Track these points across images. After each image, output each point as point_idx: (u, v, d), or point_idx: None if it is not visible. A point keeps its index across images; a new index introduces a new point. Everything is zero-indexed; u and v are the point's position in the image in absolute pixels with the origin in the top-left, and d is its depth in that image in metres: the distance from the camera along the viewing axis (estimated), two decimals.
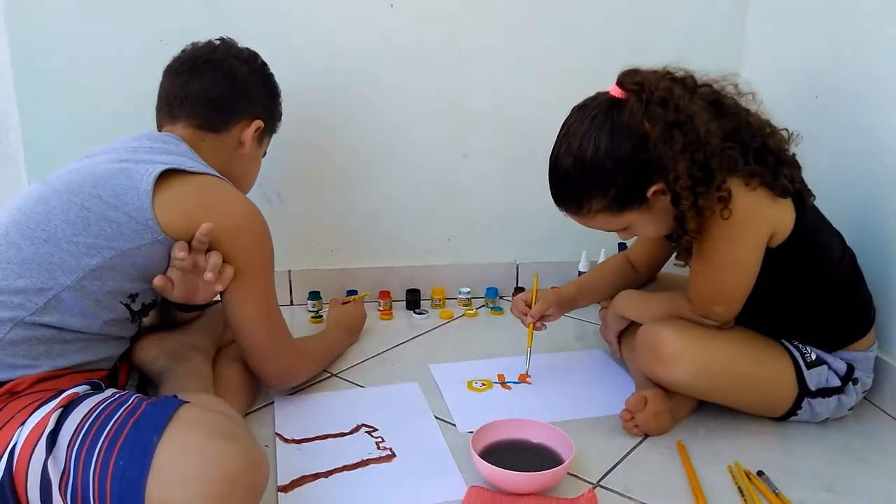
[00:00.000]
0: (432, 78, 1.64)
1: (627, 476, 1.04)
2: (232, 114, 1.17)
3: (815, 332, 1.15)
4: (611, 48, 1.67)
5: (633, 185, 1.07)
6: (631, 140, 1.04)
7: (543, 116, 1.69)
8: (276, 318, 1.12)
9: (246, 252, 1.04)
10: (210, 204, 1.01)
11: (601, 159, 1.05)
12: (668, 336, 1.12)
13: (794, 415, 1.16)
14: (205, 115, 1.14)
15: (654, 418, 1.13)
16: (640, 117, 1.03)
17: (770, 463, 1.06)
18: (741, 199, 1.05)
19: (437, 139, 1.69)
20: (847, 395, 1.16)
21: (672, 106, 1.03)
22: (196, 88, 1.13)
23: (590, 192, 1.08)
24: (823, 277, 1.12)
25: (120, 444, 0.76)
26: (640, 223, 1.13)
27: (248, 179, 1.26)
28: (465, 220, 1.77)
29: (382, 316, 1.67)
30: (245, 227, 1.04)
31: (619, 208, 1.09)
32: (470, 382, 1.32)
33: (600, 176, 1.06)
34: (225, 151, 1.17)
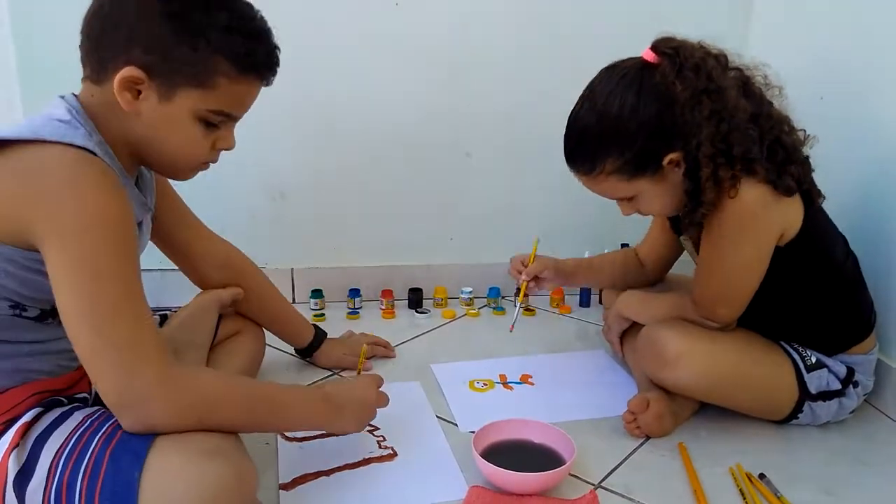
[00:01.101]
0: (436, 76, 1.64)
1: (629, 477, 1.04)
2: (104, 57, 0.82)
3: (816, 334, 1.15)
4: (614, 48, 1.66)
5: (652, 149, 1.05)
6: (658, 102, 1.03)
7: (547, 116, 1.69)
8: (105, 309, 0.75)
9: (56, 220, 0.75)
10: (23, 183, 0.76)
11: (625, 117, 1.04)
12: (672, 338, 1.12)
13: (795, 418, 1.16)
14: (86, 58, 0.84)
15: (656, 420, 1.13)
16: (672, 79, 1.03)
17: (772, 465, 1.06)
18: (752, 191, 1.04)
19: (439, 138, 1.69)
20: (848, 398, 1.16)
21: (704, 74, 1.03)
22: (84, 20, 0.84)
23: (606, 151, 1.07)
24: (826, 279, 1.12)
25: (100, 485, 0.73)
26: (648, 194, 1.11)
27: (164, 147, 0.87)
28: (467, 220, 1.77)
29: (385, 315, 1.67)
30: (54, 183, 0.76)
31: (633, 173, 1.07)
32: (472, 382, 1.32)
33: (620, 135, 1.05)
34: (114, 110, 0.83)
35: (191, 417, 0.78)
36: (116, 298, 0.76)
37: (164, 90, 0.82)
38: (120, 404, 0.76)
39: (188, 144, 0.87)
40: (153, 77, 0.81)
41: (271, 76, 0.90)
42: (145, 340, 0.77)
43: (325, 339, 1.36)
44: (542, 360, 1.43)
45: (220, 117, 0.87)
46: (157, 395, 0.76)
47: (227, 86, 0.84)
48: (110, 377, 0.75)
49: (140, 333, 0.76)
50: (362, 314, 1.67)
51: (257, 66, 0.86)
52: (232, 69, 0.83)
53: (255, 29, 0.86)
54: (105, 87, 0.82)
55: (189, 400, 0.78)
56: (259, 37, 0.86)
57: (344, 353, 1.35)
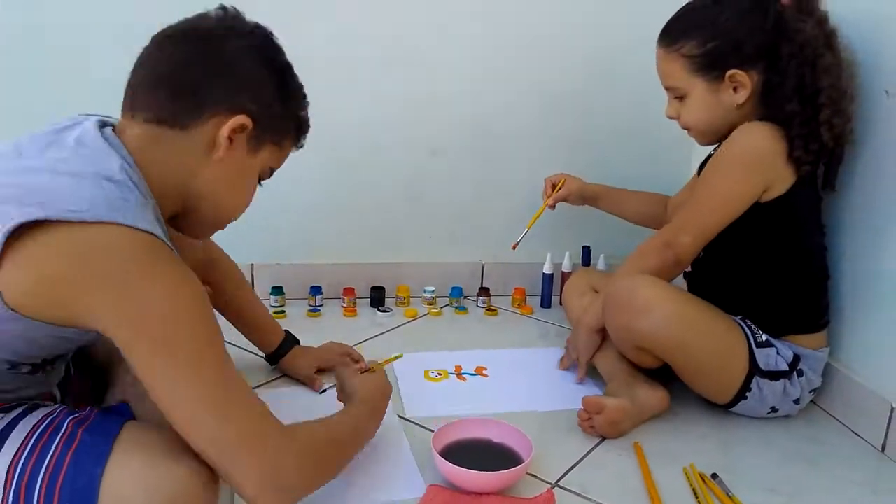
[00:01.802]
0: (402, 74, 1.63)
1: (585, 476, 1.05)
2: (203, 102, 0.82)
3: (769, 312, 1.19)
4: (582, 51, 1.69)
5: (725, 55, 1.14)
6: (764, 20, 1.12)
7: (513, 117, 1.72)
8: (229, 400, 0.75)
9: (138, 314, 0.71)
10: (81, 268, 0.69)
11: (730, 15, 1.13)
12: (640, 285, 1.14)
13: (744, 398, 1.17)
14: (169, 101, 0.81)
15: (609, 426, 1.14)
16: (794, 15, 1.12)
17: (724, 465, 1.08)
18: (766, 133, 1.13)
19: (405, 136, 1.69)
20: (792, 385, 1.19)
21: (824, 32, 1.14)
22: (164, 64, 0.82)
23: (693, 34, 1.15)
24: (792, 262, 1.16)
25: (60, 485, 0.71)
26: (697, 100, 1.18)
27: (223, 200, 0.88)
28: (431, 219, 1.77)
29: (346, 313, 1.65)
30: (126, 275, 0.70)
31: (698, 68, 1.16)
32: (427, 372, 1.33)
33: (713, 26, 1.14)
34: (190, 156, 0.83)
35: (316, 471, 0.83)
36: (224, 385, 0.75)
37: (254, 143, 0.86)
38: (263, 485, 0.74)
39: (245, 199, 0.91)
40: (255, 129, 0.84)
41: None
42: (263, 418, 0.77)
43: (294, 347, 1.32)
44: (499, 353, 1.44)
45: (269, 174, 0.93)
46: (286, 469, 0.76)
47: (287, 148, 0.92)
48: (247, 466, 0.74)
49: (256, 413, 0.76)
50: (323, 312, 1.65)
51: (304, 133, 0.95)
52: (296, 134, 0.92)
53: (306, 102, 0.94)
54: (189, 131, 0.82)
55: (313, 458, 0.81)
56: (308, 108, 0.94)
57: (309, 363, 1.29)
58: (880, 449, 1.17)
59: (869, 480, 1.09)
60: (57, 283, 0.69)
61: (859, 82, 1.18)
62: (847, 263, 1.26)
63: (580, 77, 1.70)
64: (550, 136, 1.74)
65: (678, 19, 1.19)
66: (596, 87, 1.71)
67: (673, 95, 1.22)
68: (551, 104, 1.71)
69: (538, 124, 1.73)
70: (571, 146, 1.75)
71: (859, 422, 1.22)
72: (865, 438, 1.20)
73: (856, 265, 1.25)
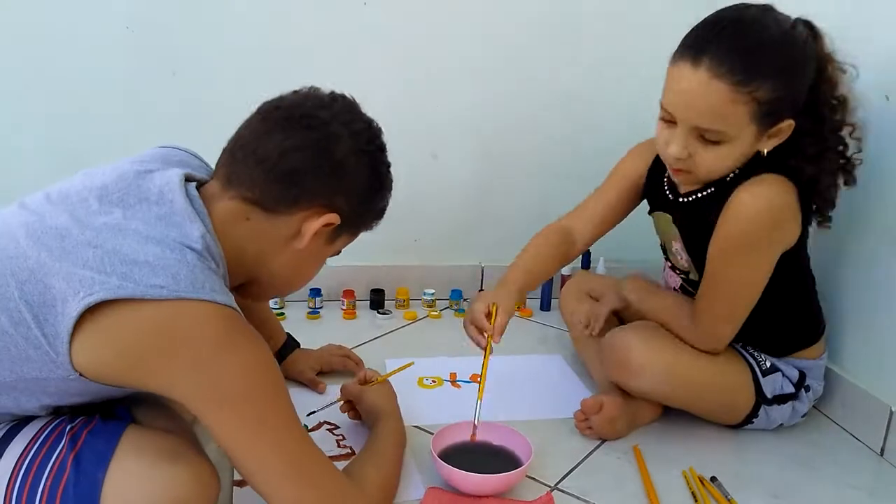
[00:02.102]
0: (403, 76, 1.63)
1: (584, 480, 1.05)
2: (301, 194, 0.82)
3: (770, 336, 1.18)
4: (584, 54, 1.69)
5: (788, 104, 0.99)
6: (813, 67, 1.01)
7: (513, 119, 1.72)
8: (304, 462, 0.78)
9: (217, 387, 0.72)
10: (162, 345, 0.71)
11: (803, 57, 0.99)
12: (636, 346, 1.12)
13: (750, 422, 1.18)
14: (266, 184, 0.81)
15: (608, 423, 1.14)
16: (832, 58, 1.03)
17: (723, 469, 1.08)
18: (784, 195, 1.03)
19: (406, 139, 1.67)
20: (800, 402, 1.19)
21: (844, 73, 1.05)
22: (271, 146, 0.81)
23: (776, 74, 0.96)
24: (788, 284, 1.14)
25: (62, 488, 0.72)
26: (738, 148, 1.01)
27: (291, 281, 0.92)
28: (431, 222, 1.77)
29: (346, 315, 1.66)
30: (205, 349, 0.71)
31: (762, 115, 0.97)
32: (420, 379, 1.33)
33: (795, 69, 0.98)
34: (272, 240, 0.84)
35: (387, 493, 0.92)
36: (301, 452, 0.78)
37: (334, 236, 0.88)
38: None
39: (311, 277, 0.94)
40: (340, 224, 0.85)
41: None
42: (338, 479, 0.82)
43: (296, 349, 1.32)
44: (495, 361, 1.42)
45: (336, 255, 0.95)
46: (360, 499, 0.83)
47: (358, 235, 0.94)
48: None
49: (332, 474, 0.81)
50: (323, 314, 1.65)
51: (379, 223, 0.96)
52: (370, 226, 0.94)
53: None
54: (279, 218, 0.82)
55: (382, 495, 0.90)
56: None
57: (310, 365, 1.30)
58: (879, 453, 1.17)
59: (867, 484, 1.10)
60: (136, 358, 0.70)
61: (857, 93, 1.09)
62: (847, 268, 1.26)
63: (581, 80, 1.70)
64: (550, 139, 1.74)
65: (749, 50, 0.94)
66: (597, 91, 1.71)
67: (697, 134, 1.00)
68: (552, 107, 1.71)
69: (538, 128, 1.73)
70: (572, 149, 1.75)
71: (858, 426, 1.22)
72: (864, 442, 1.20)
73: (856, 270, 1.25)
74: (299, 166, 0.81)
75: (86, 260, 0.70)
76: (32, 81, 1.47)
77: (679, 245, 1.18)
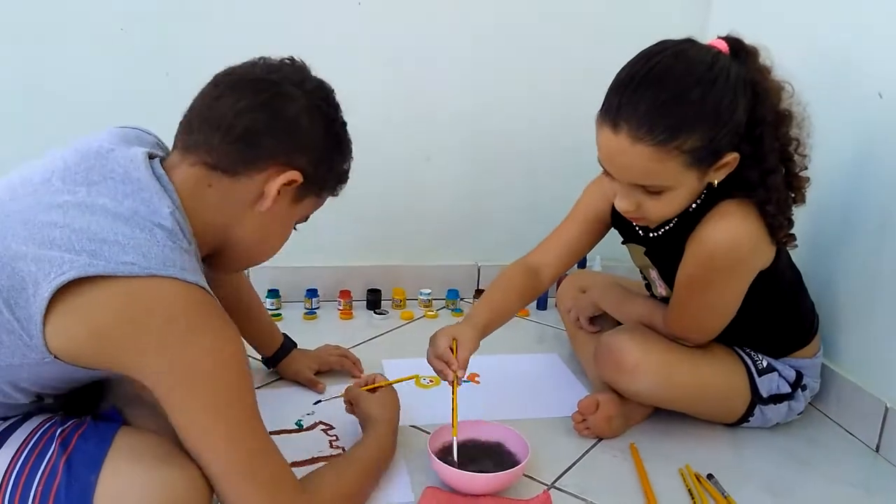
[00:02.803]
0: (396, 78, 1.63)
1: (581, 478, 1.05)
2: (259, 153, 0.81)
3: (764, 339, 1.18)
4: (575, 54, 1.69)
5: (724, 142, 0.94)
6: (749, 94, 0.95)
7: (508, 120, 1.72)
8: (256, 459, 0.77)
9: (180, 365, 0.72)
10: (133, 324, 0.70)
11: (725, 95, 0.92)
12: (630, 348, 1.12)
13: (746, 421, 1.19)
14: (223, 147, 0.81)
15: (605, 422, 1.15)
16: (766, 79, 0.98)
17: (720, 466, 1.08)
18: (748, 225, 1.01)
19: (400, 141, 1.69)
20: (797, 402, 1.19)
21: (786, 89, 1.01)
22: (224, 109, 0.81)
23: (698, 124, 0.91)
24: (772, 289, 1.13)
25: (55, 491, 0.72)
26: (682, 192, 0.98)
27: (260, 248, 0.90)
28: (427, 222, 1.77)
29: (342, 315, 1.66)
30: (172, 327, 0.71)
31: (698, 160, 0.94)
32: (418, 379, 1.32)
33: (718, 113, 0.92)
34: (236, 204, 0.83)
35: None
36: (255, 440, 0.77)
37: (298, 196, 0.87)
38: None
39: (278, 245, 0.92)
40: (303, 182, 0.85)
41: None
42: (287, 474, 0.80)
43: (293, 349, 1.32)
44: (493, 360, 1.43)
45: (304, 221, 0.94)
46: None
47: (326, 197, 0.93)
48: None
49: (282, 469, 0.80)
50: (320, 315, 1.65)
51: (343, 186, 0.96)
52: (334, 188, 0.93)
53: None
54: (240, 179, 0.81)
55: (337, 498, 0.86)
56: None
57: (307, 365, 1.30)
58: (874, 449, 1.17)
59: (863, 480, 1.10)
60: (108, 337, 0.70)
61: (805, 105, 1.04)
62: (841, 265, 1.27)
63: (576, 82, 1.70)
64: (544, 140, 1.74)
65: (667, 107, 0.91)
66: (592, 93, 1.68)
67: (639, 187, 0.98)
68: (547, 108, 1.72)
69: (532, 129, 1.73)
70: (565, 151, 1.75)
71: (854, 422, 1.23)
72: (860, 438, 1.20)
73: (851, 268, 1.25)
74: (254, 126, 0.81)
75: (53, 240, 0.70)
76: (29, 81, 1.46)
77: (656, 273, 1.19)
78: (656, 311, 1.19)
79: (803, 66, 1.24)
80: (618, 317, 1.30)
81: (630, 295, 1.29)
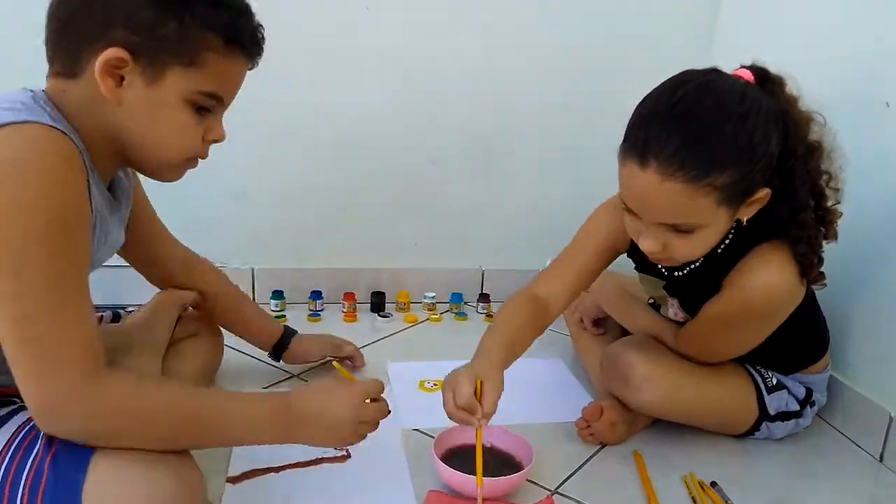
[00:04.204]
0: (402, 80, 1.64)
1: (584, 484, 1.05)
2: (79, 43, 0.76)
3: (776, 356, 1.16)
4: (580, 58, 1.69)
5: (757, 178, 0.90)
6: (779, 123, 0.91)
7: (513, 123, 1.72)
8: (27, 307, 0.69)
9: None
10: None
11: (757, 129, 0.88)
12: (638, 361, 1.11)
13: (752, 435, 1.18)
14: (56, 52, 0.78)
15: (609, 428, 1.14)
16: (795, 103, 0.94)
17: (724, 475, 1.08)
18: (787, 273, 0.99)
19: (405, 143, 1.69)
20: (804, 419, 1.19)
21: (813, 120, 0.98)
22: (49, 20, 0.78)
23: (732, 161, 0.87)
24: (796, 314, 1.08)
25: (42, 492, 0.71)
26: (713, 232, 0.94)
27: (150, 139, 0.81)
28: (431, 225, 1.77)
29: (346, 318, 1.66)
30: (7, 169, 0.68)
31: (730, 197, 0.89)
32: (422, 382, 1.32)
33: (752, 149, 0.88)
34: (91, 102, 0.77)
35: (105, 429, 0.73)
36: (43, 300, 0.69)
37: (152, 72, 0.77)
38: (35, 408, 0.71)
39: (179, 133, 0.81)
40: (138, 58, 0.75)
41: (257, 56, 0.85)
42: (68, 343, 0.70)
43: (295, 335, 1.30)
44: None
45: (211, 100, 0.81)
46: (69, 402, 0.71)
47: (215, 62, 0.79)
48: (27, 380, 0.70)
49: (63, 335, 0.70)
50: (324, 317, 1.66)
51: (243, 41, 0.82)
52: (220, 43, 0.79)
53: (239, 5, 0.82)
54: (81, 79, 0.76)
55: (102, 410, 0.72)
56: (243, 12, 0.82)
57: (315, 344, 1.30)
58: (878, 459, 1.17)
59: (867, 490, 1.10)
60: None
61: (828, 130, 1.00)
62: (851, 276, 1.26)
63: (581, 84, 1.70)
64: (550, 143, 1.74)
65: (699, 143, 0.86)
66: (596, 94, 1.71)
67: (667, 226, 0.93)
68: (551, 111, 1.72)
69: (537, 132, 1.73)
70: (571, 153, 1.75)
71: (858, 431, 1.22)
72: (864, 448, 1.20)
73: (859, 277, 1.25)
74: (67, 17, 0.77)
75: None
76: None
77: (675, 304, 1.17)
78: (666, 327, 1.18)
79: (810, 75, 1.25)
80: (623, 323, 1.29)
81: (637, 303, 1.28)
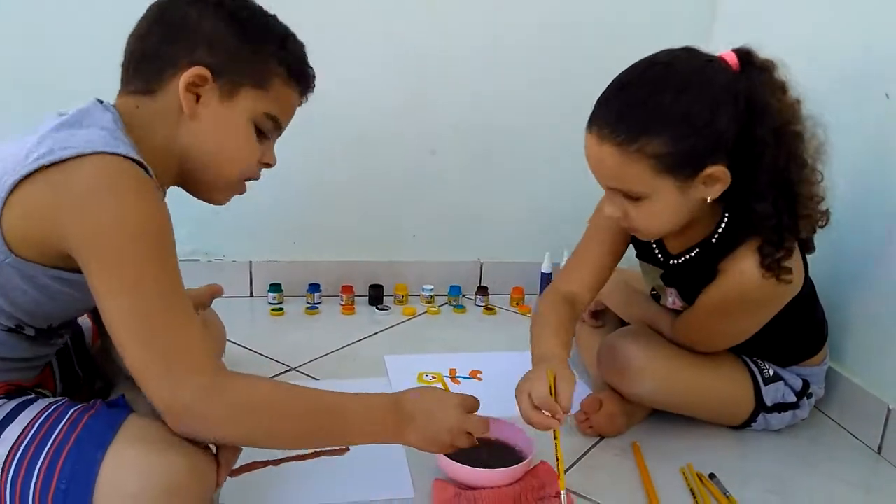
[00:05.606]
0: (401, 71, 1.63)
1: (583, 476, 1.05)
2: (162, 64, 0.83)
3: (775, 348, 1.17)
4: (578, 51, 1.69)
5: (702, 152, 0.90)
6: (739, 103, 0.90)
7: (511, 115, 1.72)
8: (150, 320, 0.74)
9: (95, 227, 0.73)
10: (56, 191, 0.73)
11: (701, 105, 0.89)
12: (634, 352, 1.12)
13: (749, 426, 1.19)
14: (135, 72, 0.85)
15: (608, 420, 1.14)
16: (766, 93, 0.92)
17: (722, 466, 1.08)
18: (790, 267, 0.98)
19: (404, 134, 1.69)
20: (801, 410, 1.19)
21: (795, 103, 0.95)
22: (132, 40, 0.85)
23: (663, 129, 0.89)
24: (792, 306, 1.08)
25: (60, 466, 0.73)
26: (660, 202, 0.94)
27: (215, 157, 0.88)
28: (430, 218, 1.77)
29: (344, 311, 1.65)
30: (92, 190, 0.73)
31: (668, 167, 0.91)
32: (420, 374, 1.32)
33: (688, 120, 0.89)
34: (166, 119, 0.84)
35: (241, 427, 0.78)
36: (161, 308, 0.74)
37: (227, 90, 0.85)
38: (170, 414, 0.74)
39: (242, 150, 0.89)
40: (217, 77, 0.83)
41: (309, 92, 0.95)
42: (193, 349, 0.75)
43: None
44: (494, 357, 1.43)
45: (271, 124, 0.90)
46: (204, 405, 0.74)
47: (279, 88, 0.88)
48: (159, 389, 0.73)
49: (188, 342, 0.75)
50: (321, 310, 1.65)
51: (301, 76, 0.91)
52: (283, 73, 0.88)
53: (300, 48, 0.93)
54: (159, 95, 0.83)
55: (239, 409, 0.77)
56: (305, 58, 0.93)
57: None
58: (876, 450, 1.17)
59: (864, 481, 1.10)
60: (38, 210, 0.74)
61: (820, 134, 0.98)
62: (850, 268, 1.26)
63: (583, 76, 1.69)
64: (550, 135, 1.74)
65: (637, 107, 0.90)
66: (599, 87, 1.70)
67: (621, 193, 0.96)
68: (552, 103, 1.71)
69: (538, 125, 1.73)
70: (571, 146, 1.74)
71: (856, 423, 1.22)
72: (862, 440, 1.20)
73: (858, 270, 1.25)
74: (150, 41, 0.84)
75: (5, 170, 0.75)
76: (27, 83, 1.46)
77: (674, 293, 1.16)
78: (664, 315, 1.18)
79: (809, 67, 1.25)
80: (622, 315, 1.29)
81: (637, 295, 1.28)
